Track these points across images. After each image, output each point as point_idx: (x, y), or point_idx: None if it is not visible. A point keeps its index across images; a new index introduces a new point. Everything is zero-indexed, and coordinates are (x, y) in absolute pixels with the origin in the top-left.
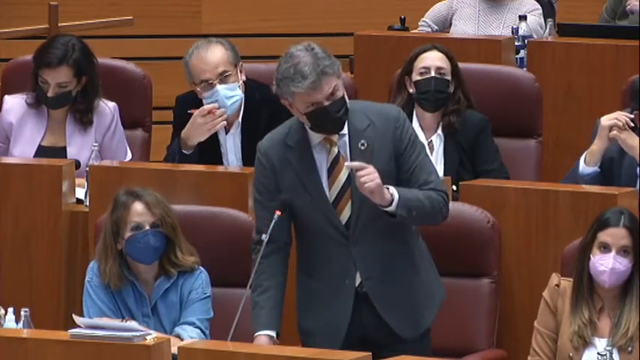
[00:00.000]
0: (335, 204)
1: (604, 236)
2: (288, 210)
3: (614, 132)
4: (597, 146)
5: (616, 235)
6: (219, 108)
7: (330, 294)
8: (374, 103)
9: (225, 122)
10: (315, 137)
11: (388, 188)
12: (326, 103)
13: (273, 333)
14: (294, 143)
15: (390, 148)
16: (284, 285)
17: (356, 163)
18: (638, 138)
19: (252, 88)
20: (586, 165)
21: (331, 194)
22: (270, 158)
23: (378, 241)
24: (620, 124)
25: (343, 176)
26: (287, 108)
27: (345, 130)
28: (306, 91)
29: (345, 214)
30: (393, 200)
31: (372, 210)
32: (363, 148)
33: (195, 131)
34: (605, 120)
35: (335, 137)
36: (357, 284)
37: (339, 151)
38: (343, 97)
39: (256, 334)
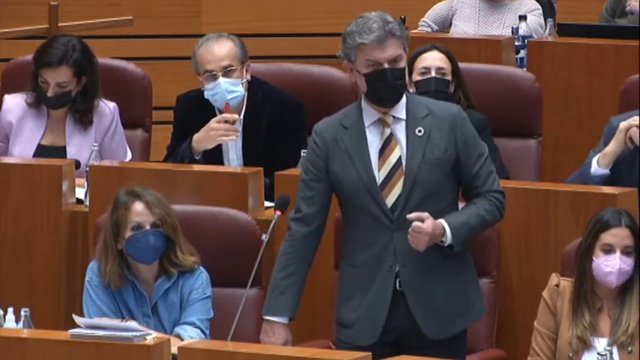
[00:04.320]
0: (383, 185)
1: (607, 237)
2: (337, 190)
3: (633, 131)
4: (612, 149)
5: (619, 235)
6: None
7: (369, 281)
8: (434, 99)
9: (235, 137)
10: (370, 117)
11: (444, 227)
12: (386, 66)
13: (286, 320)
14: (350, 124)
15: (446, 139)
16: (307, 272)
17: (413, 215)
18: None
19: (255, 86)
20: (599, 166)
21: (380, 175)
22: (325, 137)
23: None
24: (635, 123)
25: (393, 159)
26: (289, 108)
27: (403, 115)
28: (370, 43)
29: (392, 197)
30: (446, 241)
31: (421, 195)
32: (420, 134)
33: (207, 138)
34: (624, 123)
35: (390, 119)
36: (396, 270)
37: (391, 133)
38: (404, 69)
39: (272, 318)
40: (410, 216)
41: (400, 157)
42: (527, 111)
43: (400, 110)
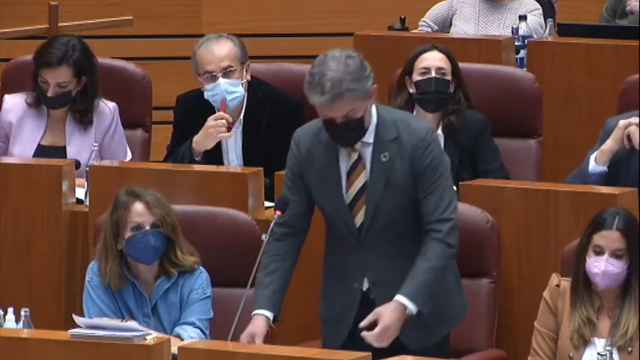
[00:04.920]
0: (351, 207)
1: (598, 239)
2: (313, 200)
3: (632, 129)
4: (609, 146)
5: (609, 237)
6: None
7: (340, 288)
8: (410, 116)
9: (231, 133)
10: None
11: (403, 303)
12: (338, 121)
13: (270, 314)
14: (325, 138)
15: (408, 165)
16: (292, 270)
17: (364, 324)
18: None
19: (255, 86)
20: (596, 164)
21: (348, 196)
22: (301, 148)
23: (389, 250)
24: (635, 120)
25: (360, 182)
26: (289, 108)
27: (372, 139)
28: (320, 104)
29: (360, 218)
30: (413, 311)
31: (385, 220)
32: (384, 159)
33: (206, 137)
34: (624, 121)
35: (358, 144)
36: (364, 289)
37: (360, 157)
38: (361, 118)
39: (253, 312)
40: (362, 325)
41: (366, 182)
42: (527, 111)
43: (369, 134)
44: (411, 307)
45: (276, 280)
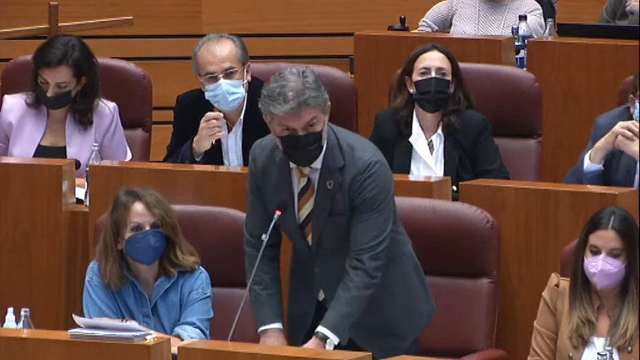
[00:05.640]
0: (302, 228)
1: (594, 239)
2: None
3: (620, 138)
4: (602, 144)
5: (605, 237)
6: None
7: (300, 295)
8: (357, 143)
9: (224, 132)
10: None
11: (325, 334)
12: (300, 133)
13: (280, 324)
14: (279, 159)
15: (347, 194)
16: (280, 279)
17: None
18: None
19: (256, 87)
20: (591, 162)
21: (300, 216)
22: (257, 163)
23: (341, 264)
24: (629, 134)
25: (309, 207)
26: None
27: (319, 165)
28: (283, 115)
29: (310, 239)
30: (335, 342)
31: (332, 243)
32: (329, 187)
33: (201, 138)
34: (619, 126)
35: (307, 170)
36: (320, 299)
37: (309, 181)
38: (320, 132)
39: (269, 327)
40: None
41: (313, 208)
42: (527, 111)
43: (318, 160)
44: (333, 339)
45: (275, 294)
